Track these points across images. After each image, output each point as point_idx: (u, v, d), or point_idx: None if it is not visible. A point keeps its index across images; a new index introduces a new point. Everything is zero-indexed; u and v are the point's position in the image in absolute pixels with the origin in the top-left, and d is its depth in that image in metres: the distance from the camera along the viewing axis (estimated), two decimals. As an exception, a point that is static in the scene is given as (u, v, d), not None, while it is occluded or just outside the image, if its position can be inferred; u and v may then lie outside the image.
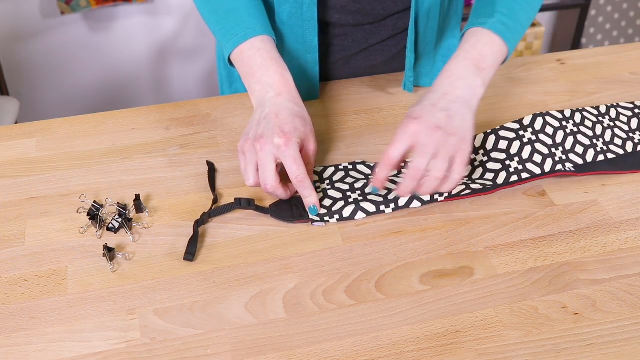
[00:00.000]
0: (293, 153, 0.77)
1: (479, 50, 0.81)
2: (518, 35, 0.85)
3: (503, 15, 0.84)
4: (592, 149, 0.89)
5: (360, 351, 0.66)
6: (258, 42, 0.85)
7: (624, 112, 0.96)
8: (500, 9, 0.84)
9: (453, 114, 0.76)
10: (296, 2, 0.92)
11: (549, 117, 0.91)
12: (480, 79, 0.80)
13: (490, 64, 0.81)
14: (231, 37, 0.86)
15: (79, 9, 2.13)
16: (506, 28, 0.83)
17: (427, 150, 0.74)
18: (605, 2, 2.55)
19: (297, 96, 0.83)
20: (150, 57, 2.38)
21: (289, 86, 0.83)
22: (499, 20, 0.83)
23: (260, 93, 0.83)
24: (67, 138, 0.94)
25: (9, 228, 0.80)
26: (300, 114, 0.81)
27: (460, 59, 0.80)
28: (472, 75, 0.79)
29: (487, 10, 0.85)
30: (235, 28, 0.86)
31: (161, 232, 0.79)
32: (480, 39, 0.82)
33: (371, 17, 0.98)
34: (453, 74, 0.79)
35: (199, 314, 0.70)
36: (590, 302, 0.71)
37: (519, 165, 0.85)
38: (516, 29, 0.85)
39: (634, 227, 0.80)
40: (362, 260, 0.76)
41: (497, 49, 0.82)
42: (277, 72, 0.83)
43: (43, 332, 0.68)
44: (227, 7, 0.88)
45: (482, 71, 0.80)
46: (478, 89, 0.79)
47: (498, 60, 0.83)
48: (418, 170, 0.74)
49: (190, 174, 0.87)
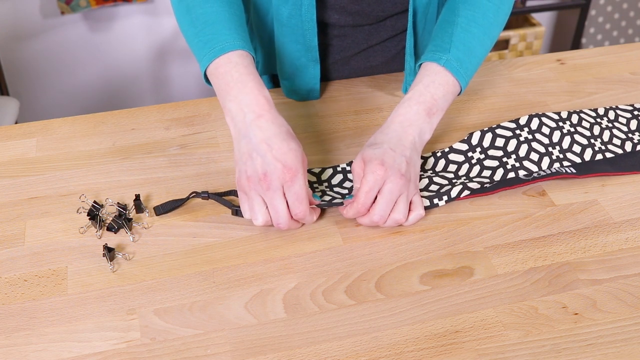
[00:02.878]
0: (298, 190, 0.75)
1: (432, 93, 0.83)
2: (473, 69, 0.86)
3: (458, 51, 0.84)
4: (589, 148, 0.89)
5: (360, 351, 0.66)
6: (235, 56, 0.80)
7: (623, 114, 0.96)
8: (457, 44, 0.85)
9: (409, 161, 0.79)
10: (295, 3, 0.92)
11: (545, 117, 0.91)
12: (429, 125, 0.82)
13: (441, 107, 0.83)
14: (208, 50, 0.81)
15: (79, 9, 2.12)
16: (460, 65, 0.84)
17: (392, 198, 0.77)
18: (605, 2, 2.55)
19: (277, 114, 0.78)
20: (150, 57, 2.38)
21: (267, 105, 0.77)
22: (454, 57, 0.84)
23: (237, 115, 0.77)
24: (67, 138, 0.94)
25: (9, 228, 0.80)
26: (287, 132, 0.77)
27: (413, 103, 0.82)
28: (422, 122, 0.82)
29: (444, 43, 0.85)
30: (212, 41, 0.81)
31: (161, 232, 0.79)
32: (434, 80, 0.83)
33: (370, 18, 0.98)
34: (405, 119, 0.81)
35: (199, 314, 0.70)
36: (590, 302, 0.71)
37: (516, 163, 0.86)
38: (471, 63, 0.86)
39: (634, 227, 0.80)
40: (362, 260, 0.76)
41: (450, 89, 0.84)
42: (253, 89, 0.78)
43: (43, 332, 0.68)
44: (206, 19, 0.83)
45: (432, 116, 0.82)
46: (426, 135, 0.82)
47: (449, 102, 0.84)
48: (382, 218, 0.77)
49: (190, 174, 0.87)
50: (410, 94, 0.83)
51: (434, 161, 0.88)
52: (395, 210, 0.78)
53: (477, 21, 0.86)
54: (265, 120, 0.76)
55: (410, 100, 0.83)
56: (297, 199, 0.75)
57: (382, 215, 0.77)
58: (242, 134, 0.77)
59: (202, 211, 0.82)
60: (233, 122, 0.78)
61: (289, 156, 0.75)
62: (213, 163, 0.89)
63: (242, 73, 0.79)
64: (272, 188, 0.74)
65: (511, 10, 0.91)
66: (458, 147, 0.89)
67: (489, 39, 0.88)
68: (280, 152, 0.75)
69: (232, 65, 0.79)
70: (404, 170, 0.77)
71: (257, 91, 0.78)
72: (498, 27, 0.89)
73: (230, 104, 0.78)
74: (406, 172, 0.78)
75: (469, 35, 0.86)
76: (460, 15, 0.86)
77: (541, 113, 0.92)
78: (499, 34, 0.90)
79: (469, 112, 0.99)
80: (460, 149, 0.89)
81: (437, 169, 0.88)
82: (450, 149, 0.89)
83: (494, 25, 0.88)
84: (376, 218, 0.77)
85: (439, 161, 0.88)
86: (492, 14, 0.87)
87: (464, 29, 0.86)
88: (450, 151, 0.89)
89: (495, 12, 0.87)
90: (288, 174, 0.74)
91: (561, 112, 0.93)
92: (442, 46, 0.85)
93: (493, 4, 0.87)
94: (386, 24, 1.01)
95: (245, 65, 0.79)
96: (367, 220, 0.78)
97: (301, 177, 0.75)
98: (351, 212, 0.78)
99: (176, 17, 0.88)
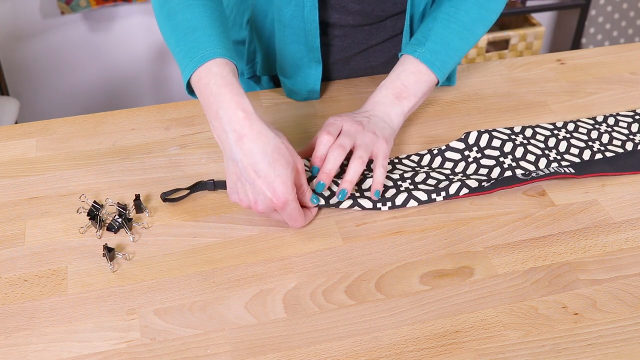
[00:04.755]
0: (290, 212, 0.76)
1: (402, 80, 0.89)
2: (450, 60, 0.91)
3: (434, 44, 0.90)
4: (588, 150, 0.89)
5: (360, 351, 0.66)
6: (214, 66, 0.76)
7: (624, 119, 0.96)
8: (434, 38, 0.90)
9: (373, 121, 0.86)
10: (298, 4, 0.92)
11: (538, 127, 0.92)
12: (399, 108, 0.88)
13: (414, 92, 0.89)
14: (188, 61, 0.78)
15: (79, 9, 2.12)
16: (435, 56, 0.89)
17: (350, 134, 0.82)
18: (605, 2, 2.55)
19: (259, 129, 0.74)
20: (150, 57, 2.38)
21: (247, 120, 0.74)
22: (428, 49, 0.89)
23: (221, 134, 0.75)
24: (67, 138, 0.94)
25: (9, 228, 0.80)
26: (273, 150, 0.74)
27: (383, 89, 0.89)
28: (391, 104, 0.88)
29: (422, 38, 0.91)
30: (192, 50, 0.78)
31: (161, 232, 0.79)
32: (406, 68, 0.89)
33: (371, 17, 0.98)
34: (374, 100, 0.89)
35: (199, 314, 0.70)
36: (590, 302, 0.71)
37: (512, 162, 0.86)
38: (448, 55, 0.90)
39: (634, 227, 0.80)
40: (362, 260, 0.76)
41: (423, 77, 0.89)
42: (231, 103, 0.74)
43: (43, 332, 0.68)
44: (186, 25, 0.80)
45: (402, 100, 0.88)
46: (396, 116, 0.88)
47: (423, 88, 0.89)
48: (343, 147, 0.81)
49: (190, 174, 0.87)
50: (382, 83, 0.90)
51: (430, 158, 0.89)
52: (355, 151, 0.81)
53: (458, 17, 0.91)
54: (248, 140, 0.73)
55: (381, 88, 0.90)
56: (290, 218, 0.77)
57: (342, 146, 0.81)
58: (228, 155, 0.75)
59: (202, 211, 0.82)
60: (219, 140, 0.77)
61: (276, 184, 0.73)
62: (213, 163, 0.89)
63: (220, 85, 0.75)
64: (265, 212, 0.77)
65: (503, 8, 0.95)
66: (455, 145, 0.89)
67: (470, 35, 0.92)
68: (267, 180, 0.73)
69: (210, 77, 0.76)
70: (364, 123, 0.84)
71: (234, 105, 0.74)
72: (482, 25, 0.94)
73: (213, 121, 0.76)
74: (366, 124, 0.83)
75: (447, 31, 0.91)
76: (442, 12, 0.92)
77: (535, 125, 0.93)
78: (485, 31, 0.95)
79: (469, 112, 0.99)
80: (457, 147, 0.89)
81: (434, 166, 0.88)
82: (447, 147, 0.89)
83: (477, 23, 0.92)
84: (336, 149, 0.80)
85: (435, 158, 0.89)
86: (476, 12, 0.92)
87: (444, 24, 0.91)
88: (446, 149, 0.89)
89: (479, 10, 0.92)
90: (278, 203, 0.74)
91: (556, 122, 0.94)
92: (419, 40, 0.91)
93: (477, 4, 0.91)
94: (386, 24, 1.01)
95: (223, 75, 0.76)
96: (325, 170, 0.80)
97: (292, 203, 0.75)
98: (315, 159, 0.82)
99: (158, 24, 0.85)
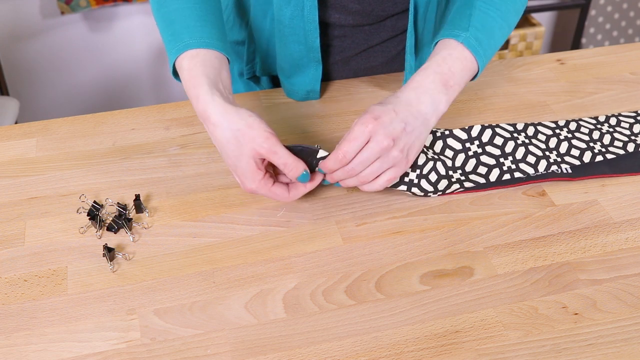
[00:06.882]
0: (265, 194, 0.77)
1: (449, 65, 0.80)
2: (490, 52, 0.84)
3: (477, 30, 0.82)
4: (589, 151, 0.89)
5: (360, 351, 0.66)
6: (185, 59, 0.78)
7: (626, 119, 0.95)
8: (475, 23, 0.82)
9: (410, 130, 0.76)
10: (297, 4, 0.92)
11: (541, 126, 0.91)
12: (446, 96, 0.79)
13: (458, 82, 0.80)
14: (169, 54, 0.80)
15: (79, 9, 2.12)
16: (479, 44, 0.81)
17: (370, 157, 0.75)
18: (605, 2, 2.55)
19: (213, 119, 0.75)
20: (150, 57, 2.38)
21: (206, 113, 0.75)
22: (472, 35, 0.81)
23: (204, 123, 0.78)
24: (67, 138, 0.94)
25: (9, 228, 0.80)
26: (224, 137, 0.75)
27: (430, 72, 0.79)
28: (438, 93, 0.78)
29: (462, 22, 0.83)
30: (171, 43, 0.80)
31: (161, 232, 0.79)
32: (451, 53, 0.81)
33: (371, 17, 0.98)
34: (420, 86, 0.78)
35: (199, 314, 0.70)
36: (590, 302, 0.71)
37: (512, 165, 0.85)
38: (489, 45, 0.83)
39: (634, 227, 0.80)
40: (362, 260, 0.76)
41: (468, 65, 0.81)
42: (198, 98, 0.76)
43: (43, 332, 0.68)
44: (170, 17, 0.81)
45: (448, 88, 0.79)
46: (441, 106, 0.79)
47: (466, 78, 0.81)
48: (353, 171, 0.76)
49: (190, 174, 0.87)
50: (427, 64, 0.80)
51: (432, 139, 0.87)
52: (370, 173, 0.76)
53: (496, 5, 0.84)
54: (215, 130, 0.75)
55: (427, 70, 0.79)
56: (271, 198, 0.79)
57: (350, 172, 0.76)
58: None
59: (202, 211, 0.82)
60: None
61: (247, 177, 0.76)
62: (213, 163, 0.89)
63: (186, 79, 0.77)
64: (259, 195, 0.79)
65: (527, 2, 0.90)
66: (458, 134, 0.88)
67: (507, 25, 0.86)
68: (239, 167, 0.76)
69: (182, 71, 0.78)
70: (395, 135, 0.74)
71: (195, 100, 0.76)
72: (516, 15, 0.88)
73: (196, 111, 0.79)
74: (398, 138, 0.75)
75: (487, 18, 0.83)
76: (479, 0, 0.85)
77: (537, 122, 0.92)
78: (516, 23, 0.89)
79: (469, 112, 0.99)
80: (459, 137, 0.88)
81: (436, 150, 0.87)
82: (450, 133, 0.88)
83: (512, 12, 0.86)
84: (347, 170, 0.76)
85: (437, 142, 0.87)
86: (511, 1, 0.86)
87: (483, 11, 0.84)
88: (449, 135, 0.88)
89: None
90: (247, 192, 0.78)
91: (558, 120, 0.93)
92: (460, 25, 0.83)
93: None
94: (386, 24, 1.01)
95: (190, 68, 0.77)
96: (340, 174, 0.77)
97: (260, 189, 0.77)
98: (330, 162, 0.76)
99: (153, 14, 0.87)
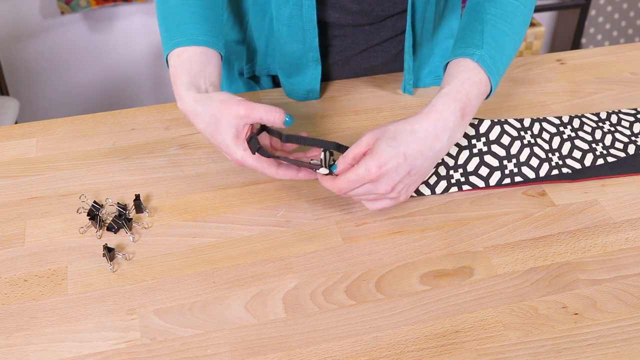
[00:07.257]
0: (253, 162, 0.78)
1: (467, 91, 0.78)
2: (503, 69, 0.82)
3: (490, 47, 0.80)
4: (590, 153, 0.89)
5: (360, 351, 0.66)
6: (172, 59, 0.81)
7: (626, 117, 0.95)
8: (489, 40, 0.81)
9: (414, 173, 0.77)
10: (296, 3, 0.92)
11: (546, 123, 0.91)
12: (461, 127, 0.78)
13: (473, 109, 0.79)
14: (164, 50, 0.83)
15: (79, 9, 2.13)
16: (493, 62, 0.80)
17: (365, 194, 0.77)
18: (605, 2, 2.55)
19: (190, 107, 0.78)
20: (150, 57, 2.38)
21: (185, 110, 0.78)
22: (487, 53, 0.80)
23: None
24: (67, 138, 0.94)
25: (9, 228, 0.80)
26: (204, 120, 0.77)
27: (451, 100, 0.77)
28: (458, 126, 0.77)
29: (475, 38, 0.81)
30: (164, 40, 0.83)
31: (161, 232, 0.79)
32: (469, 77, 0.79)
33: (371, 17, 0.98)
34: (441, 118, 0.76)
35: (199, 314, 0.70)
36: (590, 302, 0.71)
37: (514, 168, 0.85)
38: (502, 62, 0.81)
39: (634, 227, 0.80)
40: (362, 260, 0.76)
41: (482, 89, 0.80)
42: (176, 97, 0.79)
43: (43, 332, 0.68)
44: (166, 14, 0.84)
45: (464, 117, 0.78)
46: (456, 137, 0.78)
47: (479, 104, 0.80)
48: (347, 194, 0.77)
49: (190, 174, 0.87)
50: (447, 89, 0.78)
51: None
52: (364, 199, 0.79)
53: (506, 19, 0.82)
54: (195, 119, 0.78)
55: (447, 97, 0.78)
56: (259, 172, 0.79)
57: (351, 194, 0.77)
58: None
59: (202, 211, 0.82)
60: None
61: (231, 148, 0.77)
62: (213, 163, 0.89)
63: (171, 78, 0.80)
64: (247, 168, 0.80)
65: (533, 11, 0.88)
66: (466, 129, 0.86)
67: (518, 39, 0.84)
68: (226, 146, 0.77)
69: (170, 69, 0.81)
70: (396, 181, 0.75)
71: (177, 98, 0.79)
72: (525, 27, 0.86)
73: None
74: (399, 182, 0.76)
75: (499, 32, 0.81)
76: (488, 13, 0.82)
77: (542, 118, 0.92)
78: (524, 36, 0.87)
79: (469, 112, 0.99)
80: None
81: None
82: None
83: (522, 25, 0.84)
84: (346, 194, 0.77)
85: None
86: (521, 13, 0.84)
87: (495, 26, 0.82)
88: None
89: (523, 11, 0.84)
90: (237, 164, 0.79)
91: (562, 116, 0.93)
92: (473, 42, 0.81)
93: (520, 2, 0.84)
94: (386, 24, 1.01)
95: (173, 66, 0.80)
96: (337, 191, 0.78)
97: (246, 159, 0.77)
98: (327, 184, 0.77)
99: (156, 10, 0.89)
